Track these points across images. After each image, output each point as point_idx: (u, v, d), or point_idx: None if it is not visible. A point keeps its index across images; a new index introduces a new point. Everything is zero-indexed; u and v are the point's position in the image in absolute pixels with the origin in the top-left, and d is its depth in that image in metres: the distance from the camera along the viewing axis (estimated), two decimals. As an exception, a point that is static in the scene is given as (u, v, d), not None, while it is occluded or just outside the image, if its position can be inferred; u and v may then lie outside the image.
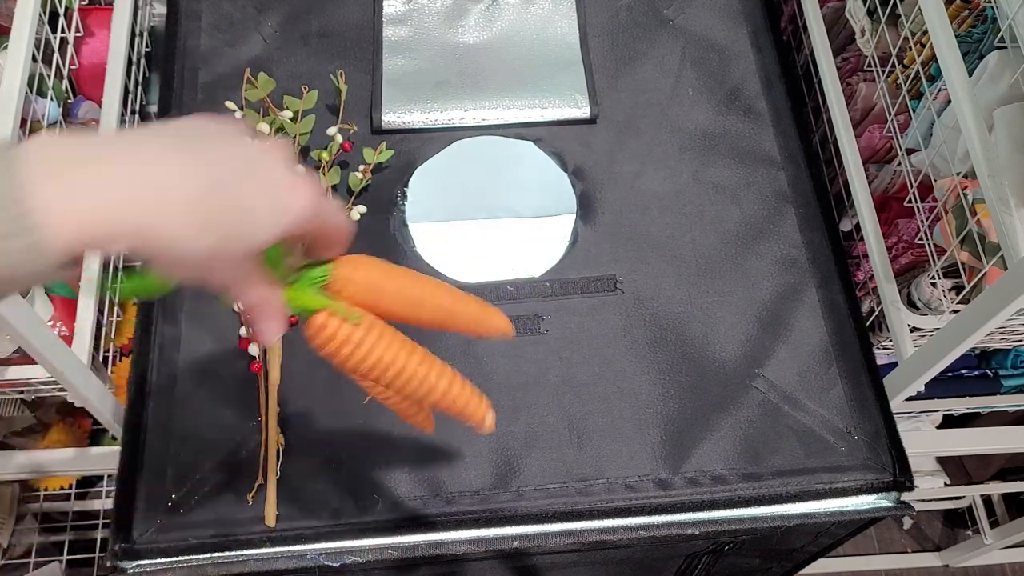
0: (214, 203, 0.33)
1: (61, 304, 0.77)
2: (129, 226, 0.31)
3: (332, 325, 0.42)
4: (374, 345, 0.43)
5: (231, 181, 0.34)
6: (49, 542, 1.20)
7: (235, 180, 0.34)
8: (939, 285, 0.75)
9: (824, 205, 0.77)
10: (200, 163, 0.33)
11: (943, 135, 0.71)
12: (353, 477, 0.64)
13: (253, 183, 0.35)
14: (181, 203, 0.32)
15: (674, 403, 0.68)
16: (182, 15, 0.82)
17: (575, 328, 0.70)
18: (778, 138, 0.80)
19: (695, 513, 0.64)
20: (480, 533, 0.63)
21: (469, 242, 0.73)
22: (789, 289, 0.73)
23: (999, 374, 0.98)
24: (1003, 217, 0.59)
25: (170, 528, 0.61)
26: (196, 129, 0.35)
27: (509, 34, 0.83)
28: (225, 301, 0.67)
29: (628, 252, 0.73)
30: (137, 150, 0.32)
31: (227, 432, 0.65)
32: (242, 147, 0.36)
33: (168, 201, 0.31)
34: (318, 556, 0.61)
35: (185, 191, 0.32)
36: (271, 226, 0.35)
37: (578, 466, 0.65)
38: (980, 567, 1.54)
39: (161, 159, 0.32)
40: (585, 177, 0.77)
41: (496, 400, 0.67)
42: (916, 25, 0.74)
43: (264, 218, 0.35)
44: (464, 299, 0.47)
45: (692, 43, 0.84)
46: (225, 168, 0.34)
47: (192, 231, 0.32)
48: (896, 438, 0.67)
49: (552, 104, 0.79)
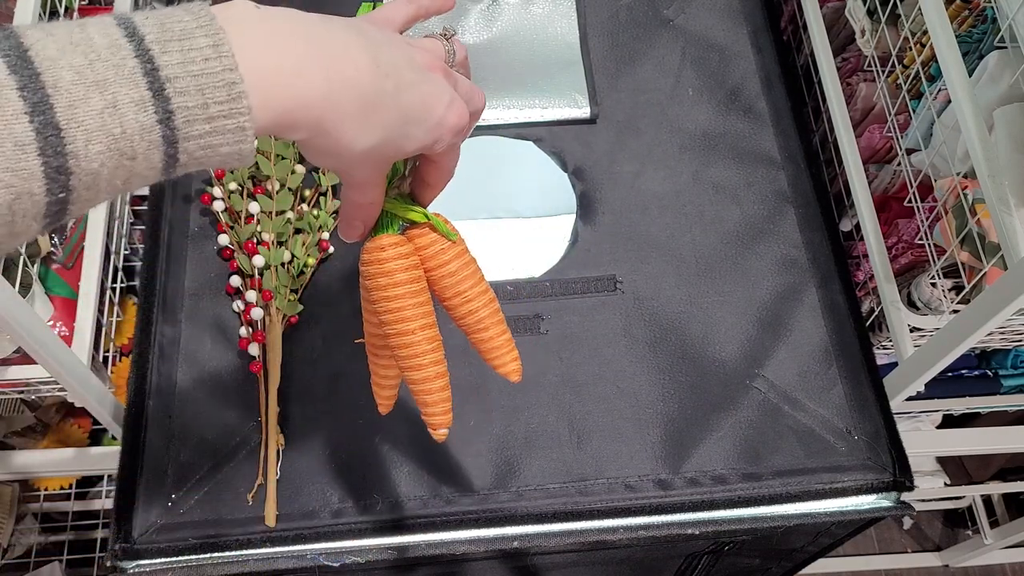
0: (382, 108, 0.35)
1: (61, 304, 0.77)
2: (310, 119, 0.32)
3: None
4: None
5: (401, 91, 0.35)
6: (49, 542, 1.20)
7: (403, 89, 0.35)
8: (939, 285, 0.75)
9: (824, 205, 0.77)
10: (379, 68, 0.34)
11: (943, 135, 0.71)
12: (353, 477, 0.64)
13: (417, 93, 0.36)
14: (355, 104, 0.33)
15: (674, 403, 0.68)
16: (182, 15, 0.82)
17: (575, 328, 0.70)
18: (778, 138, 0.80)
19: (695, 513, 0.64)
20: (480, 533, 0.63)
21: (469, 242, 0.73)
22: (789, 289, 0.73)
23: (999, 374, 0.98)
24: (1003, 217, 0.59)
25: (170, 528, 0.61)
26: (379, 31, 0.37)
27: (509, 34, 0.83)
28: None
29: (628, 252, 0.73)
30: (329, 44, 0.33)
31: (227, 432, 0.65)
32: (416, 58, 0.37)
33: (345, 101, 0.33)
34: (318, 556, 0.61)
35: (360, 94, 0.34)
36: (423, 137, 0.37)
37: (578, 466, 0.65)
38: (980, 567, 1.54)
39: (346, 59, 0.33)
40: (585, 177, 0.77)
41: (496, 400, 0.67)
42: (916, 25, 0.74)
43: (419, 130, 0.37)
44: (500, 327, 0.48)
45: (692, 43, 0.84)
46: (399, 77, 0.35)
47: (359, 130, 0.34)
48: (896, 438, 0.67)
49: (552, 104, 0.79)
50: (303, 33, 0.32)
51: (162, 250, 0.72)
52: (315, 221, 0.72)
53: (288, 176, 0.72)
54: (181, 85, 0.28)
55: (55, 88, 0.26)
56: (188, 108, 0.28)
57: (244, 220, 0.71)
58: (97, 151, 0.27)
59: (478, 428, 0.66)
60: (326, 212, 0.73)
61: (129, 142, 0.28)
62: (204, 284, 0.71)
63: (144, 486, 0.63)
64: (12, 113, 0.25)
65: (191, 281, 0.71)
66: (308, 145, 0.35)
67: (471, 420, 0.66)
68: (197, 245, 0.72)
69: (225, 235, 0.71)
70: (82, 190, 0.28)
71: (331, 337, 0.69)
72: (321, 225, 0.72)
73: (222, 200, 0.71)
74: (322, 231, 0.72)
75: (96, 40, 0.27)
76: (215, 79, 0.29)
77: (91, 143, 0.27)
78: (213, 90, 0.29)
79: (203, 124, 0.29)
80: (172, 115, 0.28)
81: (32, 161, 0.26)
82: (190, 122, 0.29)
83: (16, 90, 0.25)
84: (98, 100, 0.27)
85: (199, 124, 0.29)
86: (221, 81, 0.29)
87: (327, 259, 0.72)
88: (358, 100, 0.33)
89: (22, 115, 0.25)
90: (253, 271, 0.69)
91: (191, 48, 0.28)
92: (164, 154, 0.29)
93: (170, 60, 0.28)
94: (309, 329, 0.69)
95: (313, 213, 0.72)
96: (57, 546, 1.20)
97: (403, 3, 0.43)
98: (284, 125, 0.32)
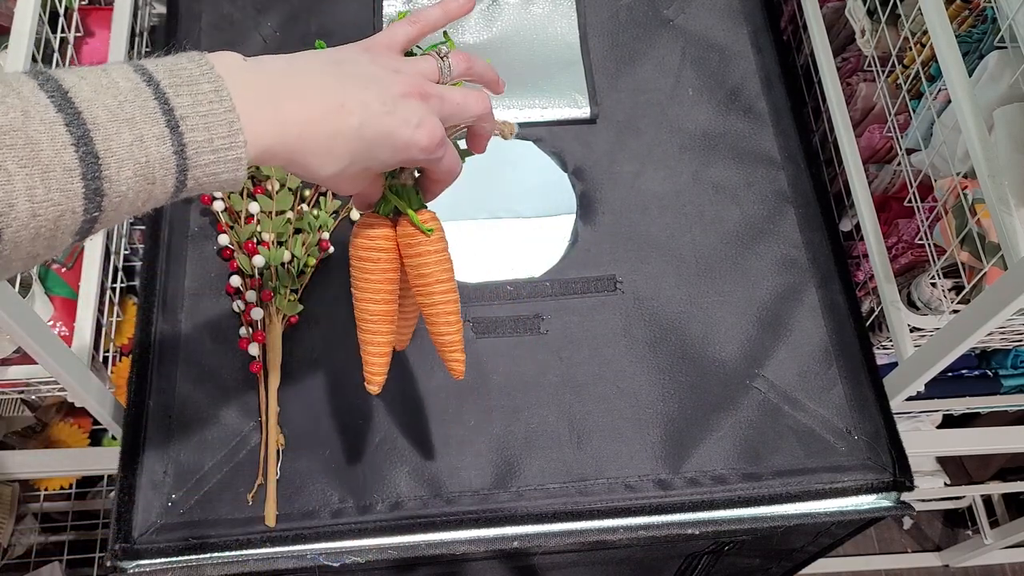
0: (343, 141, 0.40)
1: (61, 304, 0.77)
2: (285, 153, 0.38)
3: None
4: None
5: (364, 127, 0.40)
6: (49, 542, 1.20)
7: (367, 123, 0.40)
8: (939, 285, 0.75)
9: (824, 205, 0.77)
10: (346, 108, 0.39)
11: (943, 135, 0.71)
12: (353, 477, 0.64)
13: (383, 124, 0.41)
14: (320, 140, 0.39)
15: (674, 403, 0.68)
16: (182, 15, 0.82)
17: (575, 328, 0.70)
18: (778, 138, 0.80)
19: (695, 513, 0.64)
20: (480, 533, 0.63)
21: (469, 242, 0.73)
22: (789, 289, 0.73)
23: (999, 374, 0.98)
24: (1003, 217, 0.59)
25: (170, 528, 0.61)
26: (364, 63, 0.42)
27: (509, 34, 0.83)
28: None
29: (628, 252, 0.73)
30: (305, 91, 0.39)
31: (227, 432, 0.65)
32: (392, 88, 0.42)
33: (312, 139, 0.39)
34: (318, 556, 0.61)
35: (325, 133, 0.39)
36: (390, 158, 0.42)
37: (578, 466, 0.65)
38: (980, 567, 1.54)
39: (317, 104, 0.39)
40: (585, 177, 0.77)
41: (496, 400, 0.67)
42: (916, 25, 0.74)
43: (385, 152, 0.42)
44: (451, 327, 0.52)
45: (692, 43, 0.84)
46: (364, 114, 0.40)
47: (325, 160, 0.40)
48: (896, 438, 0.67)
49: (552, 104, 0.79)
50: (283, 82, 0.38)
51: (162, 250, 0.72)
52: (315, 221, 0.72)
53: (288, 176, 0.72)
54: (192, 123, 0.34)
55: (94, 124, 0.32)
56: (198, 142, 0.34)
57: (244, 220, 0.71)
58: (126, 177, 0.33)
59: (478, 428, 0.66)
60: (326, 212, 0.73)
61: (151, 170, 0.33)
62: (204, 284, 0.71)
63: (144, 486, 0.63)
64: (61, 144, 0.31)
65: (191, 281, 0.71)
66: (286, 169, 0.40)
67: (471, 420, 0.66)
68: (197, 245, 0.72)
69: (225, 235, 0.71)
70: (110, 210, 0.33)
71: (331, 337, 0.69)
72: (321, 225, 0.72)
73: (222, 200, 0.71)
74: (322, 231, 0.72)
75: (121, 84, 0.33)
76: (219, 119, 0.35)
77: (122, 170, 0.33)
78: (217, 127, 0.35)
79: (209, 155, 0.35)
80: (185, 148, 0.34)
81: (76, 184, 0.31)
82: (199, 153, 0.35)
83: (64, 126, 0.31)
84: (128, 135, 0.33)
85: (206, 155, 0.35)
86: (223, 120, 0.35)
87: (327, 259, 0.72)
88: (322, 137, 0.39)
89: (69, 146, 0.31)
90: (253, 271, 0.69)
91: (198, 92, 0.35)
92: (176, 180, 0.35)
93: (182, 102, 0.34)
94: (309, 329, 0.69)
95: (313, 213, 0.72)
96: (57, 546, 1.20)
97: (405, 24, 0.47)
98: (266, 156, 0.38)
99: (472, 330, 0.70)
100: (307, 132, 0.38)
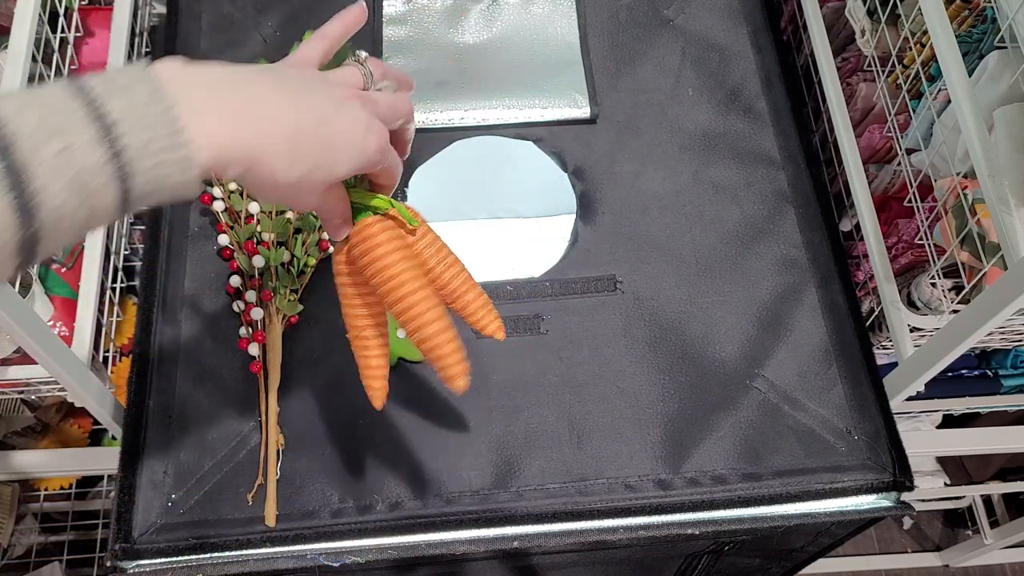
0: (305, 140, 0.39)
1: (61, 304, 0.77)
2: (244, 155, 0.37)
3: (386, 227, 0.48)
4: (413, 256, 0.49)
5: (321, 124, 0.40)
6: (49, 542, 1.20)
7: (323, 121, 0.40)
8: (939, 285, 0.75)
9: (824, 205, 0.77)
10: (299, 106, 0.39)
11: (943, 135, 0.71)
12: (353, 477, 0.64)
13: (337, 124, 0.41)
14: (282, 138, 0.38)
15: (674, 403, 0.68)
16: (182, 15, 0.82)
17: (575, 328, 0.70)
18: (778, 138, 0.80)
19: (695, 513, 0.64)
20: (480, 533, 0.63)
21: (469, 242, 0.73)
22: (789, 289, 0.73)
23: (999, 374, 0.98)
24: (1003, 217, 0.59)
25: (170, 528, 0.61)
26: (297, 73, 0.42)
27: (509, 34, 0.83)
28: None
29: (628, 252, 0.73)
30: (253, 89, 0.38)
31: (227, 432, 0.65)
32: (333, 93, 0.42)
33: (272, 136, 0.38)
34: (318, 556, 0.61)
35: (284, 130, 0.38)
36: (350, 162, 0.42)
37: (578, 466, 0.65)
38: (980, 567, 1.54)
39: (270, 100, 0.38)
40: (585, 177, 0.77)
41: (496, 400, 0.67)
42: (916, 25, 0.74)
43: (344, 155, 0.41)
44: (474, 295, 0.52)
45: (692, 43, 0.84)
46: (318, 112, 0.40)
47: (289, 162, 0.39)
48: (896, 438, 0.67)
49: (552, 104, 0.79)
50: (229, 82, 0.37)
51: (162, 250, 0.72)
52: (315, 221, 0.72)
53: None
54: (126, 127, 0.32)
55: (16, 135, 0.30)
56: (134, 147, 0.32)
57: (244, 220, 0.71)
58: (59, 188, 0.31)
59: (478, 428, 0.66)
60: (326, 212, 0.73)
61: (86, 178, 0.32)
62: (204, 284, 0.71)
63: (144, 486, 0.63)
64: None
65: (191, 281, 0.71)
66: (247, 181, 0.39)
67: (471, 420, 0.66)
68: (197, 245, 0.72)
69: (225, 235, 0.71)
70: (49, 226, 0.31)
71: (331, 337, 0.69)
72: (321, 225, 0.72)
73: (222, 200, 0.71)
74: (322, 231, 0.72)
75: (48, 98, 0.32)
76: (157, 119, 0.33)
77: (53, 181, 0.31)
78: (156, 128, 0.33)
79: (150, 159, 0.33)
80: (121, 153, 0.32)
81: (2, 199, 0.30)
82: (139, 158, 0.33)
83: None
84: (56, 143, 0.31)
85: (146, 159, 0.33)
86: (162, 120, 0.33)
87: (327, 259, 0.72)
88: (283, 135, 0.38)
89: None
90: (253, 271, 0.69)
91: (133, 96, 0.33)
92: (119, 188, 0.33)
93: (115, 106, 0.32)
94: (309, 329, 0.69)
95: (313, 213, 0.72)
96: (57, 546, 1.20)
97: (316, 40, 0.47)
98: (223, 161, 0.36)
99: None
100: (266, 129, 0.37)
